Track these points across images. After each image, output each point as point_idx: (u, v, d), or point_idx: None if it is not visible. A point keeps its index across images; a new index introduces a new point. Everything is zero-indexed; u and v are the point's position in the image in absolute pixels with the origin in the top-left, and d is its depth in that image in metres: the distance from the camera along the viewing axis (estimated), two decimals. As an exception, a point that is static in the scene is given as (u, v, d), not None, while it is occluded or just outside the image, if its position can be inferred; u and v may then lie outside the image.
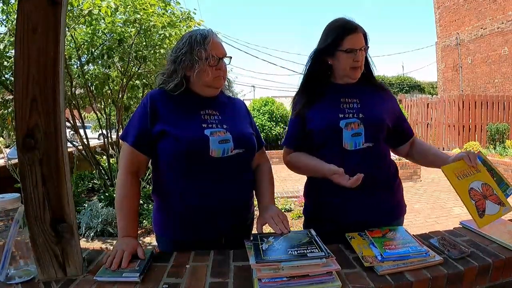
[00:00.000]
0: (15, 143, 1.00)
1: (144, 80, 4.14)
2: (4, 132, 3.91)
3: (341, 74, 1.36)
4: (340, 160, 1.30)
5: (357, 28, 1.29)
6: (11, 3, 3.37)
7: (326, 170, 1.24)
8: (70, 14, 3.44)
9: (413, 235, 1.16)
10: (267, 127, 10.47)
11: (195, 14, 4.33)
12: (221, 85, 1.29)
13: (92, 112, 5.00)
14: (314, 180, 1.40)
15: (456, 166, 1.21)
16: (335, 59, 1.33)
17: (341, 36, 1.29)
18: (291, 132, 1.44)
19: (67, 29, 3.46)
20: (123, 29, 3.72)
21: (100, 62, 3.93)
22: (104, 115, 4.76)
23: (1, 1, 3.34)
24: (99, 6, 3.28)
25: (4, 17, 3.52)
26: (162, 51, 3.78)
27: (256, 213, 1.34)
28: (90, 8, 3.27)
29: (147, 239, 3.64)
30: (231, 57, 1.27)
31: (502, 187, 1.18)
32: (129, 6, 3.48)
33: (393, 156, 1.58)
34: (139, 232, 3.72)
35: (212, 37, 1.22)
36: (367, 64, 1.39)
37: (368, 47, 1.35)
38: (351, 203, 1.31)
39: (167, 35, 3.69)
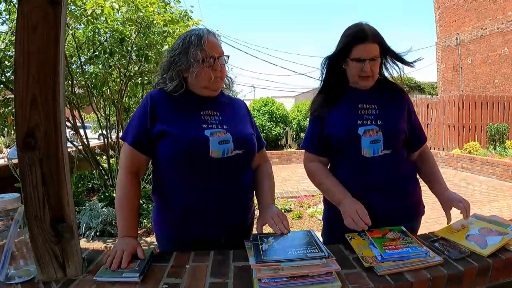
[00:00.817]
0: (15, 142, 1.00)
1: (146, 78, 4.13)
2: (5, 130, 3.90)
3: (352, 81, 1.37)
4: (357, 166, 1.32)
5: (368, 37, 1.26)
6: (13, 2, 3.37)
7: (341, 208, 1.26)
8: (74, 13, 3.43)
9: (413, 235, 1.16)
10: (267, 127, 10.48)
11: (192, 12, 4.33)
12: (219, 87, 1.29)
13: (92, 112, 5.00)
14: None
15: (449, 228, 1.24)
16: (347, 66, 1.35)
17: (350, 45, 1.29)
18: (310, 135, 1.45)
19: (68, 28, 3.45)
20: (124, 28, 3.72)
21: (100, 61, 3.92)
22: (104, 115, 4.76)
23: (3, 0, 3.33)
24: (101, 6, 3.27)
25: (7, 16, 3.52)
26: (164, 49, 3.78)
27: (256, 213, 1.34)
28: (93, 8, 3.27)
29: (147, 239, 3.64)
30: (228, 56, 1.26)
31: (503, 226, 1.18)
32: (131, 5, 3.48)
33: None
34: (139, 232, 3.72)
35: (208, 37, 1.20)
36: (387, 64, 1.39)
37: (390, 55, 1.34)
38: (368, 208, 1.27)
39: (171, 32, 3.68)
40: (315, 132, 1.42)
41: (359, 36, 1.28)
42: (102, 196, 4.24)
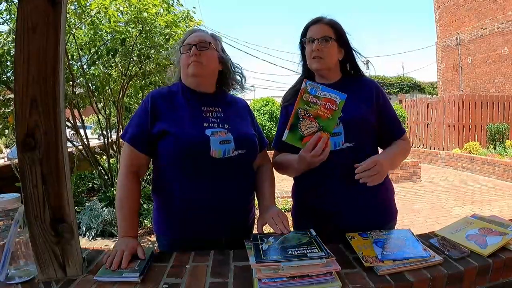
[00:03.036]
0: (15, 142, 1.00)
1: (148, 79, 4.13)
2: (7, 131, 3.90)
3: (309, 66, 1.35)
4: None
5: (321, 19, 1.31)
6: (14, 2, 3.36)
7: (296, 160, 1.21)
8: (79, 11, 3.42)
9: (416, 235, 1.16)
10: (267, 127, 10.47)
11: (194, 13, 4.33)
12: (198, 74, 1.24)
13: (92, 114, 5.01)
14: (298, 180, 1.42)
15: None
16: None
17: (305, 29, 1.33)
18: (277, 134, 1.44)
19: (70, 28, 3.45)
20: (125, 29, 3.72)
21: (101, 61, 3.92)
22: (105, 115, 4.76)
23: (4, 0, 3.33)
24: (106, 8, 3.27)
25: (8, 17, 3.52)
26: (165, 50, 3.77)
27: (257, 213, 1.34)
28: (98, 9, 3.27)
29: (148, 239, 3.64)
30: (209, 43, 1.25)
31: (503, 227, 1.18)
32: (133, 7, 3.48)
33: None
34: (139, 232, 3.72)
35: (193, 32, 1.30)
36: (352, 58, 1.37)
37: (346, 44, 1.33)
38: (333, 204, 1.29)
39: (172, 34, 3.68)
40: (281, 131, 1.40)
41: (312, 20, 1.33)
42: (102, 196, 4.23)
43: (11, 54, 3.33)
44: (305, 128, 1.11)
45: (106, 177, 4.68)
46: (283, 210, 4.42)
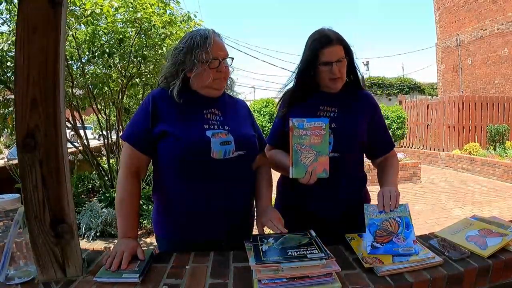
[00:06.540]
0: (15, 143, 1.00)
1: (144, 80, 4.13)
2: (5, 131, 3.90)
3: (323, 85, 1.40)
4: None
5: (332, 40, 1.31)
6: (14, 3, 3.37)
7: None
8: (74, 13, 3.42)
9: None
10: (267, 128, 10.46)
11: (195, 17, 4.33)
12: (222, 87, 1.29)
13: (92, 114, 5.01)
14: (283, 178, 1.48)
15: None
16: (316, 72, 1.37)
17: (317, 50, 1.32)
18: (272, 131, 1.51)
19: (68, 29, 3.45)
20: (123, 29, 3.72)
21: (100, 61, 3.92)
22: (104, 116, 4.76)
23: (4, 0, 3.33)
24: (101, 6, 3.27)
25: (8, 16, 3.52)
26: (163, 50, 3.77)
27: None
28: (93, 8, 3.26)
29: (147, 240, 3.64)
30: (232, 58, 1.27)
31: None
32: (130, 6, 3.48)
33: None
34: (139, 232, 3.72)
35: (214, 38, 1.20)
36: (354, 71, 1.42)
37: (350, 56, 1.38)
38: (316, 206, 1.37)
39: (168, 34, 3.67)
40: (278, 128, 1.47)
41: (324, 40, 1.32)
42: (102, 197, 4.23)
43: (11, 54, 3.34)
44: (306, 159, 1.22)
45: (106, 178, 4.68)
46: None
